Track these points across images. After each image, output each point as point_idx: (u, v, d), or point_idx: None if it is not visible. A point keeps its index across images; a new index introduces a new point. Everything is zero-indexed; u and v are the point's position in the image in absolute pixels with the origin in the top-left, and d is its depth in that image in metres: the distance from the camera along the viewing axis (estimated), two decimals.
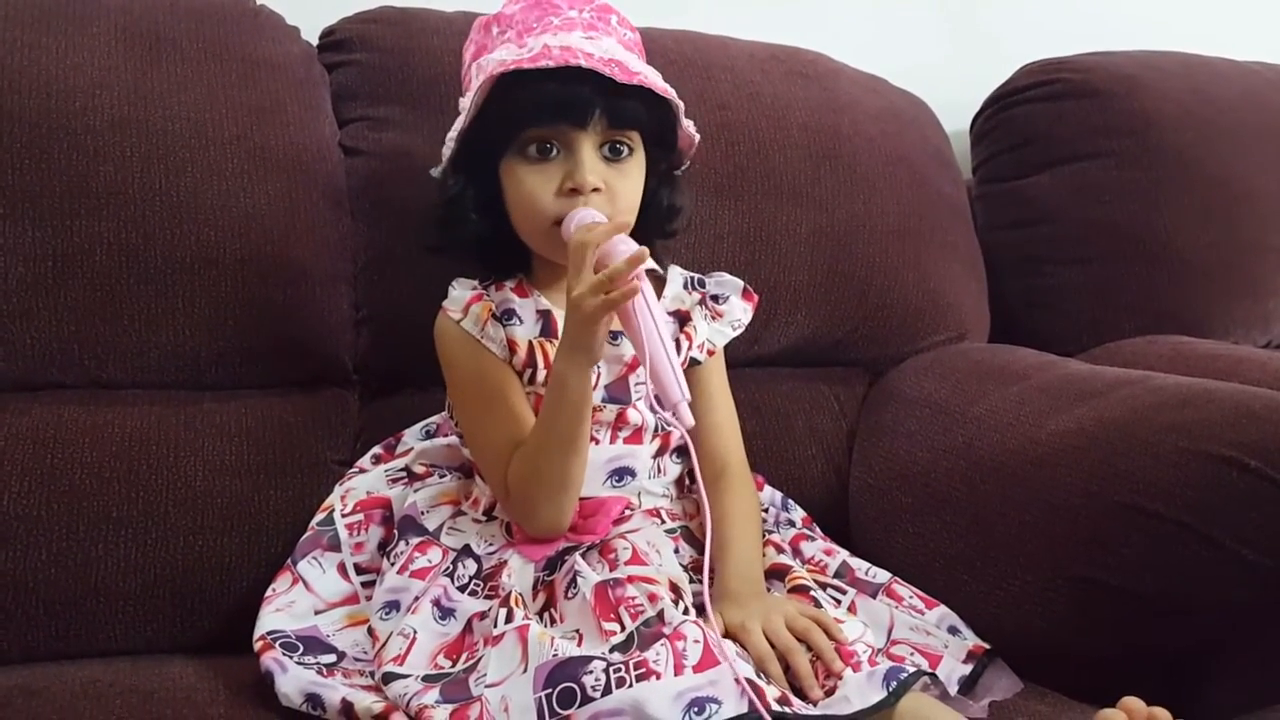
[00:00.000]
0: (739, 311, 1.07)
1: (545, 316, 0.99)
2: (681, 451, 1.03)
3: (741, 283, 1.08)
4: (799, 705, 0.78)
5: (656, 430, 1.00)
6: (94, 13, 1.08)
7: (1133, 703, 0.81)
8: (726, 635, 0.85)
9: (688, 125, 1.02)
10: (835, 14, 1.60)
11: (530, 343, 0.97)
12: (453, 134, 0.96)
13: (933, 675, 0.86)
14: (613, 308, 0.84)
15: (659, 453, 1.02)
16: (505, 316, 0.97)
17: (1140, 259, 1.43)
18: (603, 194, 0.94)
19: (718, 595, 0.91)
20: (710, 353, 1.05)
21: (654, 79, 0.96)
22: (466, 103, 0.96)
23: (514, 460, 0.93)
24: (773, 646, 0.85)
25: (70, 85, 1.04)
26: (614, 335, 0.97)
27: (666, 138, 1.01)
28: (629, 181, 0.97)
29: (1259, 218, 1.48)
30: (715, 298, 1.07)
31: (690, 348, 1.03)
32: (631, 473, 0.99)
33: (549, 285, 1.01)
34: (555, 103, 0.92)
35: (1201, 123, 1.48)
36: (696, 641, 0.79)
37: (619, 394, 0.99)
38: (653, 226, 1.03)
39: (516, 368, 0.96)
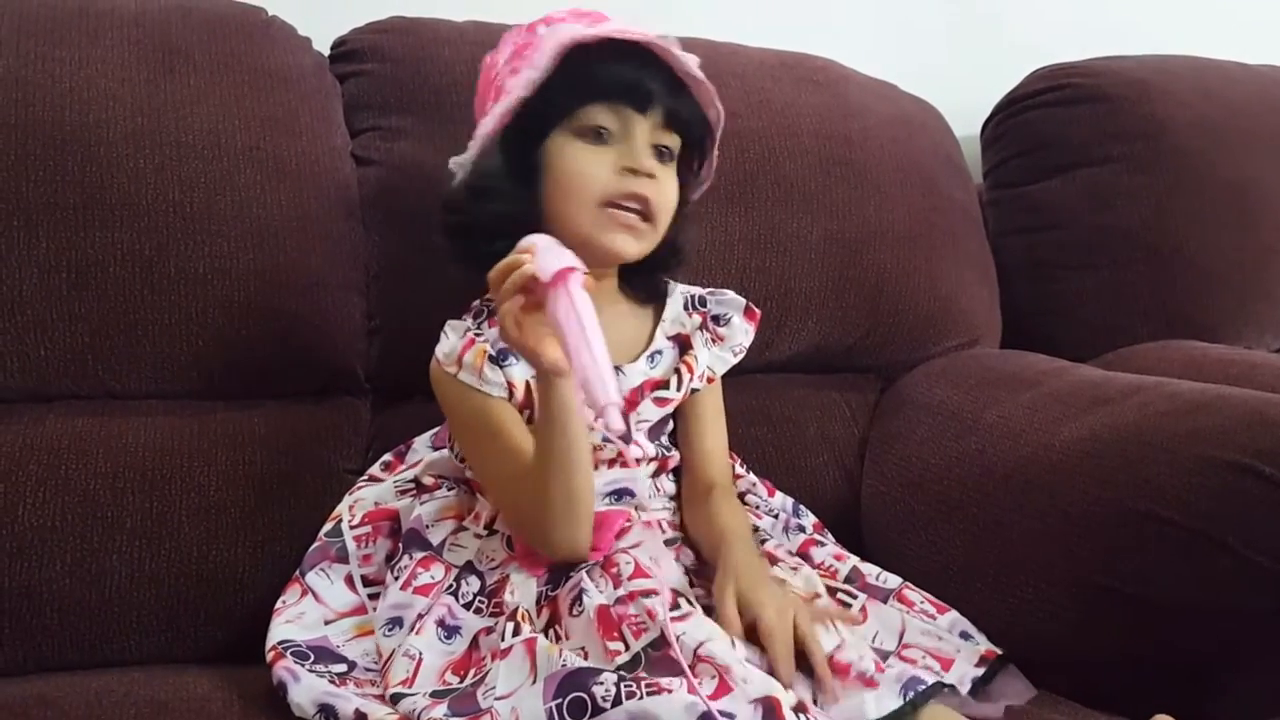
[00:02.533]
0: (740, 334, 1.06)
1: None
2: (679, 472, 1.03)
3: (744, 301, 1.08)
4: (816, 715, 0.78)
5: (654, 455, 1.01)
6: (107, 25, 1.09)
7: None
8: (740, 614, 0.85)
9: (714, 155, 1.04)
10: (844, 20, 1.60)
11: (528, 383, 0.95)
12: (502, 108, 0.95)
13: (950, 686, 0.86)
14: (507, 322, 0.83)
15: (657, 474, 1.02)
16: (500, 357, 0.95)
17: (1152, 264, 1.43)
18: (653, 184, 0.95)
19: (724, 578, 0.89)
20: (710, 380, 1.05)
21: (711, 91, 0.99)
22: (512, 82, 0.95)
23: (521, 489, 0.92)
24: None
25: (84, 97, 1.04)
26: (622, 370, 0.98)
27: (701, 156, 1.03)
28: (669, 183, 0.98)
29: (1272, 221, 1.47)
30: (716, 319, 1.06)
31: (691, 379, 1.02)
32: (630, 493, 0.99)
33: None
34: (624, 82, 0.95)
35: (1213, 126, 1.47)
36: (713, 678, 0.78)
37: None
38: (656, 260, 1.02)
39: (516, 407, 0.95)
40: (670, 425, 1.05)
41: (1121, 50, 1.54)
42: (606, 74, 0.94)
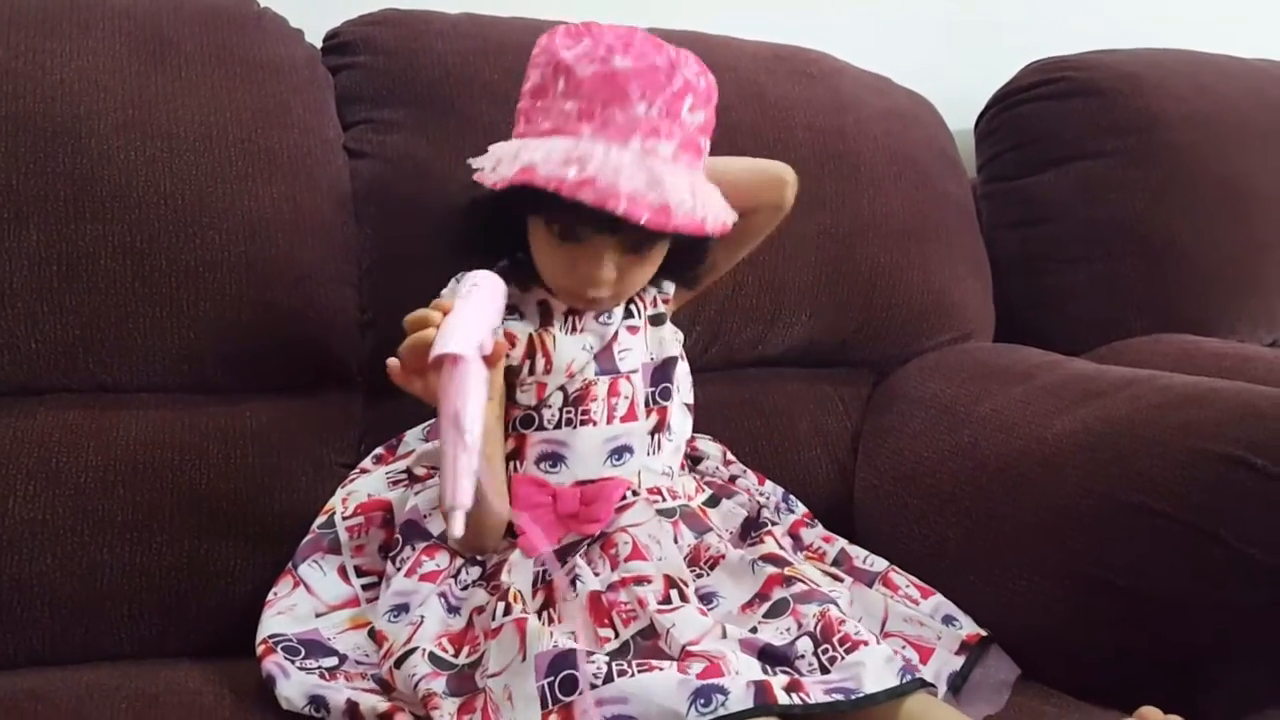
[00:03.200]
0: (683, 266, 1.04)
1: (543, 306, 1.00)
2: (674, 425, 1.04)
3: None
4: (810, 690, 0.78)
5: (648, 404, 1.01)
6: (98, 17, 1.08)
7: (1150, 713, 0.81)
8: None
9: (727, 225, 0.95)
10: (839, 13, 1.60)
11: (530, 335, 0.98)
12: (489, 174, 0.91)
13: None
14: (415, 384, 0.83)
15: (656, 429, 1.02)
16: (506, 312, 0.96)
17: (1145, 257, 1.43)
18: (614, 284, 0.95)
19: None
20: (666, 301, 1.07)
21: (691, 224, 0.88)
22: (508, 148, 0.91)
23: None
24: None
25: (74, 89, 1.04)
26: (609, 314, 1.00)
27: (698, 246, 0.99)
28: (645, 269, 0.97)
29: (1265, 215, 1.48)
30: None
31: (645, 307, 1.04)
32: (630, 449, 0.99)
33: None
34: (588, 215, 0.88)
35: (1207, 120, 1.47)
36: (702, 664, 0.79)
37: (608, 365, 1.00)
38: (676, 275, 1.04)
39: (515, 361, 0.97)
40: (678, 370, 1.04)
41: (1116, 44, 1.54)
42: (569, 206, 0.86)
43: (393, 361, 0.83)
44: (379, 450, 1.08)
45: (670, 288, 1.08)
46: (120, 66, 1.06)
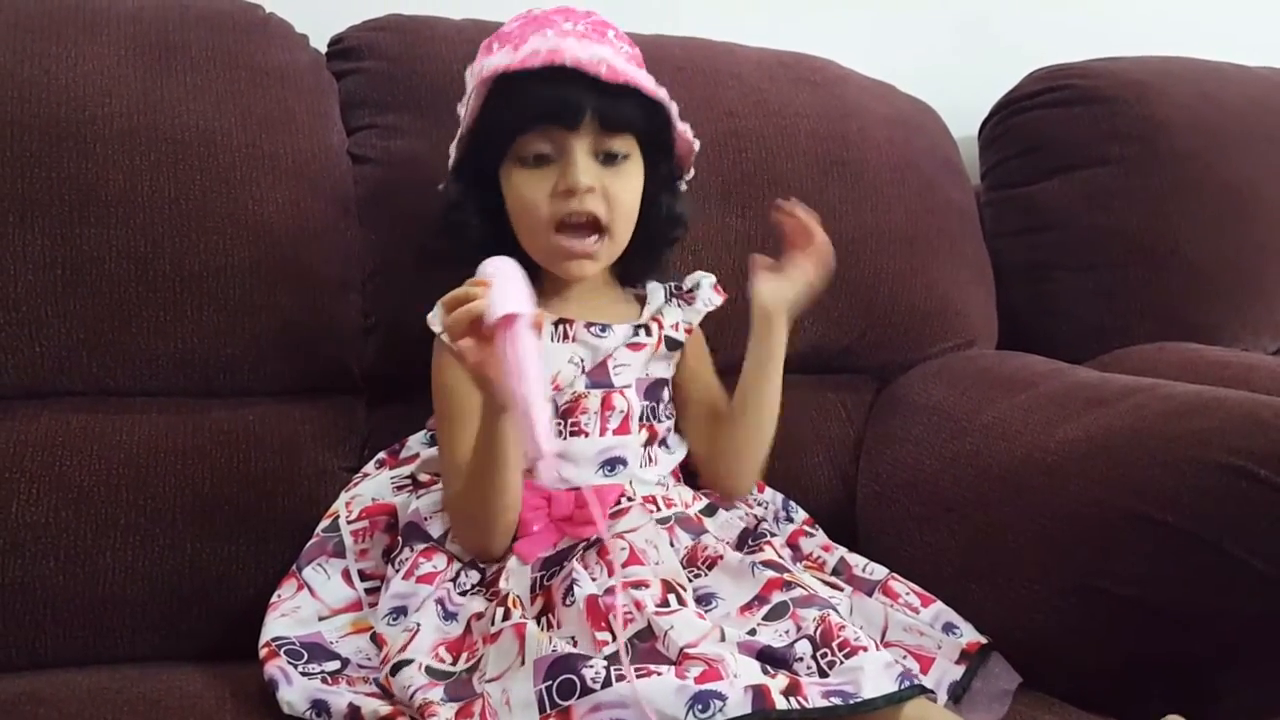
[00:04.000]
0: (709, 295, 1.10)
1: None
2: (670, 442, 1.05)
3: (714, 277, 1.11)
4: (809, 693, 0.78)
5: (643, 419, 1.02)
6: (103, 21, 1.09)
7: None
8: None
9: (684, 129, 1.03)
10: (842, 20, 1.60)
11: None
12: (455, 143, 0.98)
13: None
14: (467, 355, 0.84)
15: (649, 442, 1.02)
16: None
17: (1149, 265, 1.43)
18: (598, 194, 0.96)
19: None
20: (689, 331, 1.08)
21: (643, 80, 0.97)
22: (464, 111, 0.97)
23: (459, 480, 0.95)
24: None
25: (80, 94, 1.04)
26: (602, 327, 1.01)
27: (662, 141, 1.03)
28: (626, 183, 0.99)
29: (1269, 223, 1.47)
30: (687, 290, 1.10)
31: (662, 330, 1.05)
32: (623, 461, 1.00)
33: (551, 292, 1.02)
34: (546, 105, 0.94)
35: (1211, 128, 1.47)
36: (700, 667, 0.79)
37: (601, 379, 1.01)
38: (655, 233, 1.05)
39: None
40: (665, 394, 1.07)
41: (1119, 51, 1.54)
42: (529, 100, 0.95)
43: (448, 332, 0.86)
44: (381, 455, 1.08)
45: (695, 318, 1.09)
46: (125, 71, 1.07)
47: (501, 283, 0.84)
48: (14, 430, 1.01)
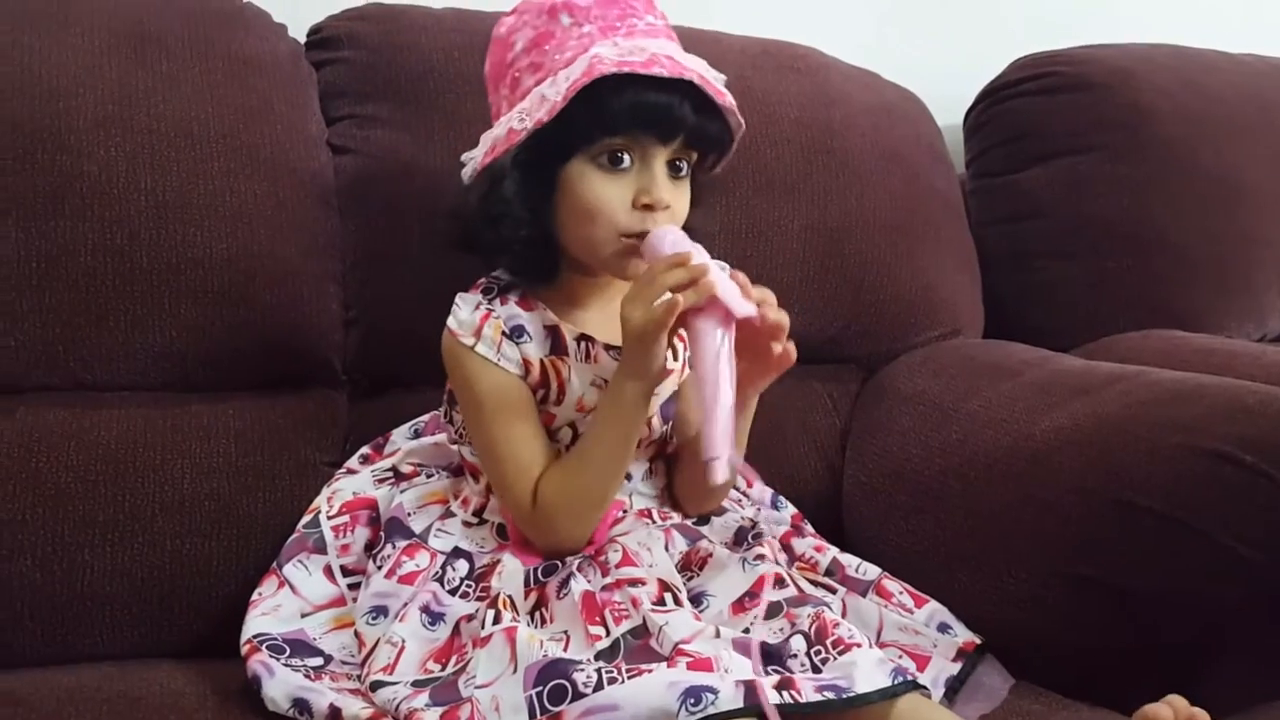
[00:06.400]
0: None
1: (553, 332, 0.95)
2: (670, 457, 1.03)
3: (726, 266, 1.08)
4: (802, 688, 0.77)
5: (660, 440, 1.00)
6: (78, 11, 1.07)
7: (1176, 700, 0.81)
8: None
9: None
10: (827, 9, 1.60)
11: (542, 361, 0.94)
12: (517, 125, 0.90)
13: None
14: (660, 305, 0.84)
15: (654, 458, 1.02)
16: (515, 333, 0.94)
17: (1134, 253, 1.43)
18: (667, 214, 0.92)
19: None
20: None
21: (732, 104, 0.93)
22: (532, 94, 0.90)
23: (549, 477, 0.92)
24: None
25: (54, 85, 1.03)
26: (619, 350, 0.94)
27: (719, 157, 0.99)
28: (685, 196, 0.95)
29: (1253, 211, 1.47)
30: None
31: (685, 348, 0.99)
32: (628, 475, 0.98)
33: (565, 301, 0.97)
34: (650, 113, 0.89)
35: (1195, 116, 1.47)
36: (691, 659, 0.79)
37: None
38: None
39: (530, 386, 0.94)
40: (674, 406, 1.03)
41: (1104, 39, 1.54)
42: (631, 107, 0.88)
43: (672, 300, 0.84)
44: (365, 450, 1.07)
45: None
46: (101, 61, 1.05)
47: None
48: None
